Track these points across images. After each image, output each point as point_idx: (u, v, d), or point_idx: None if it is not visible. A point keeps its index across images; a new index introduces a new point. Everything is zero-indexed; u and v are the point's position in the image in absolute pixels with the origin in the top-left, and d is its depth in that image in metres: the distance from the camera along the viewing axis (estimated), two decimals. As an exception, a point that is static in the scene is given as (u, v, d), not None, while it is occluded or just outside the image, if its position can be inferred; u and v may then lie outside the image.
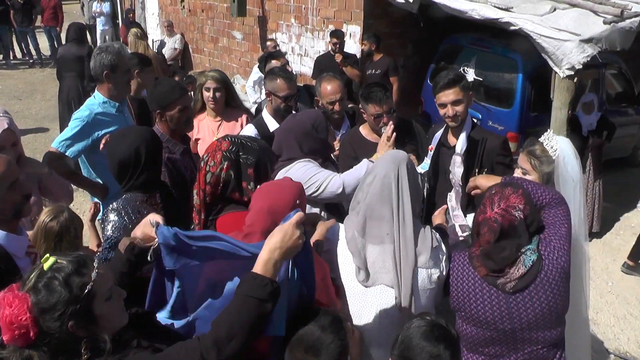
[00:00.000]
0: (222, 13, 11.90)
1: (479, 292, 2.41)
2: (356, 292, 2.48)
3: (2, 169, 2.32)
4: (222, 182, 2.56)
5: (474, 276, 2.42)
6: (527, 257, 2.37)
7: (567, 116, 6.17)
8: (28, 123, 10.12)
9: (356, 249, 2.47)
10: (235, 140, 2.62)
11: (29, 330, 1.68)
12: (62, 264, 1.76)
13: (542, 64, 6.31)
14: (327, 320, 1.93)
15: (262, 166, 2.59)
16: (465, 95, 3.59)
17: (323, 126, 3.40)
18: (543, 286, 2.38)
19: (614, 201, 7.61)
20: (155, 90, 3.65)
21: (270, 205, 2.26)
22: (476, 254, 2.43)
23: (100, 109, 4.02)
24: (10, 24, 14.90)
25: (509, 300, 2.38)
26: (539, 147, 2.92)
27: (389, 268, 2.42)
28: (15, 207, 2.40)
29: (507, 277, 2.36)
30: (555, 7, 6.57)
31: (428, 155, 3.79)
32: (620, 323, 5.42)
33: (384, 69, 8.08)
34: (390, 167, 2.50)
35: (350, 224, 2.55)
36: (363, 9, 8.64)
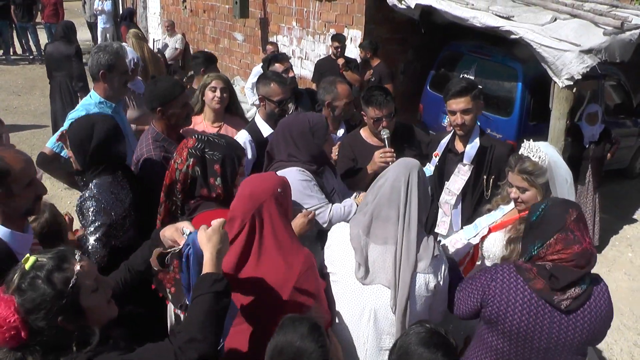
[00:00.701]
0: (223, 14, 11.91)
1: (526, 305, 2.37)
2: (353, 289, 2.49)
3: (21, 165, 2.35)
4: (189, 179, 2.65)
5: (523, 289, 2.38)
6: (583, 281, 2.37)
7: (565, 126, 6.18)
8: (27, 119, 10.11)
9: (359, 245, 2.50)
10: (201, 137, 2.72)
11: (20, 332, 1.69)
12: (43, 261, 1.77)
13: (541, 73, 6.32)
14: (305, 328, 1.92)
15: (229, 162, 2.67)
16: (475, 105, 3.60)
17: (322, 132, 3.37)
18: (590, 311, 2.37)
19: (610, 212, 7.63)
20: (156, 88, 3.65)
21: (251, 191, 2.41)
22: (529, 268, 2.40)
23: (96, 109, 3.97)
24: (11, 20, 14.89)
25: (555, 318, 2.36)
26: (529, 163, 2.92)
27: (388, 269, 2.44)
28: (27, 206, 2.42)
29: (567, 294, 2.34)
30: (556, 17, 6.59)
31: (432, 162, 3.79)
32: (614, 334, 5.42)
33: (377, 76, 8.09)
34: (402, 171, 2.54)
35: (356, 223, 2.58)
36: (365, 13, 8.66)
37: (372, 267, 2.47)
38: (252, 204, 2.37)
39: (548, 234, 2.38)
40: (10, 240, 2.36)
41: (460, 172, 3.67)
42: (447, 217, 3.74)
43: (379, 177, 2.63)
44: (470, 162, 3.64)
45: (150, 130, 3.64)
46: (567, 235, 2.35)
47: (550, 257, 2.37)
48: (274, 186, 2.45)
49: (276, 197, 2.43)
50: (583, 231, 2.37)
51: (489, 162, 3.62)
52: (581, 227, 2.38)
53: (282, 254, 2.36)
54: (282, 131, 3.41)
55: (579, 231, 2.36)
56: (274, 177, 2.57)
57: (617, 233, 7.47)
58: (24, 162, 2.38)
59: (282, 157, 3.37)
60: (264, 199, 2.39)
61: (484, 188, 3.64)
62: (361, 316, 2.48)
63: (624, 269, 6.63)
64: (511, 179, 3.02)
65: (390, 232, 2.48)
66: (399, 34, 8.98)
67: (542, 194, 2.91)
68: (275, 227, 2.39)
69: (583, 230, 2.38)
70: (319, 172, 3.41)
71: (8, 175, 2.29)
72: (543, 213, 2.45)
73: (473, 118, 3.61)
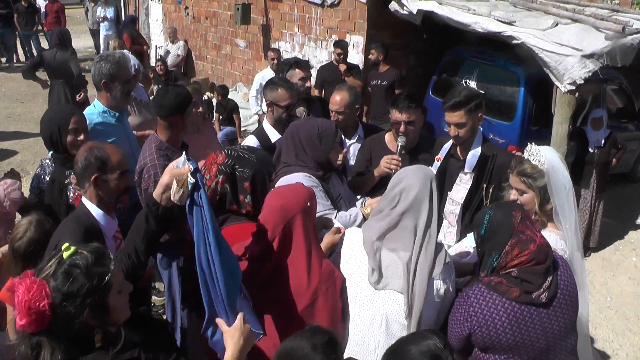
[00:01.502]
0: (225, 21, 11.95)
1: (512, 317, 2.36)
2: (365, 294, 2.49)
3: (119, 157, 2.74)
4: (218, 195, 2.59)
5: (502, 303, 2.36)
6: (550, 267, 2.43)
7: (568, 131, 6.18)
8: (30, 126, 10.12)
9: (372, 250, 2.49)
10: (231, 154, 2.64)
11: (45, 317, 1.73)
12: (83, 253, 1.83)
13: (543, 78, 6.33)
14: (322, 339, 1.89)
15: (260, 179, 2.62)
16: (471, 118, 3.55)
17: (330, 139, 3.36)
18: (565, 285, 2.44)
19: (614, 217, 7.62)
20: (166, 97, 3.63)
21: (282, 204, 2.39)
22: (498, 281, 2.39)
23: (100, 118, 3.99)
24: (15, 28, 14.96)
25: (541, 314, 2.37)
26: (528, 165, 2.93)
27: (402, 275, 2.44)
28: (119, 194, 2.76)
29: (542, 289, 2.37)
30: (558, 22, 6.60)
31: (434, 166, 3.78)
32: (619, 339, 5.41)
33: (391, 81, 8.03)
34: (425, 183, 2.54)
35: (370, 228, 2.58)
36: (367, 19, 8.69)
37: (385, 272, 2.47)
38: (283, 217, 2.37)
39: (502, 243, 2.40)
40: (103, 222, 2.70)
41: (462, 181, 3.67)
42: (453, 228, 3.73)
43: (393, 185, 2.59)
44: (472, 170, 3.63)
45: (154, 139, 3.62)
46: (520, 238, 2.38)
47: (511, 264, 2.39)
48: (304, 199, 2.45)
49: (306, 210, 2.43)
50: (532, 228, 2.43)
51: (489, 171, 3.60)
52: (529, 225, 2.43)
53: (308, 268, 2.36)
54: (291, 134, 3.42)
55: (528, 229, 2.41)
56: (303, 189, 2.55)
57: (621, 237, 7.46)
58: (120, 155, 2.77)
59: (290, 160, 3.38)
60: (295, 213, 2.38)
61: (484, 197, 3.63)
62: (373, 321, 2.48)
63: (629, 273, 6.62)
64: (511, 181, 3.04)
65: (407, 239, 2.48)
66: (401, 40, 8.99)
67: (540, 197, 2.90)
68: (305, 242, 2.39)
69: (531, 227, 2.43)
70: (326, 177, 3.42)
71: (106, 163, 2.68)
72: (489, 224, 2.46)
73: (468, 130, 3.59)
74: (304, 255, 2.38)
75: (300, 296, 2.34)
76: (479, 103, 3.60)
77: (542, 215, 2.93)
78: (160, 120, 3.63)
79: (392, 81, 8.04)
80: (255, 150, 2.82)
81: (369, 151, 4.02)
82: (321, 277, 2.39)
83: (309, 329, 1.98)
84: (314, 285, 2.35)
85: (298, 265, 2.37)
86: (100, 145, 2.79)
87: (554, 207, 2.88)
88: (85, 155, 2.69)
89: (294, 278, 2.36)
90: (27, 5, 14.75)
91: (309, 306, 2.34)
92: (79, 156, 2.72)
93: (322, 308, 2.37)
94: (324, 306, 2.38)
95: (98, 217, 2.70)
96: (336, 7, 9.16)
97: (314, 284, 2.36)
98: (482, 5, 7.46)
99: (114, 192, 2.74)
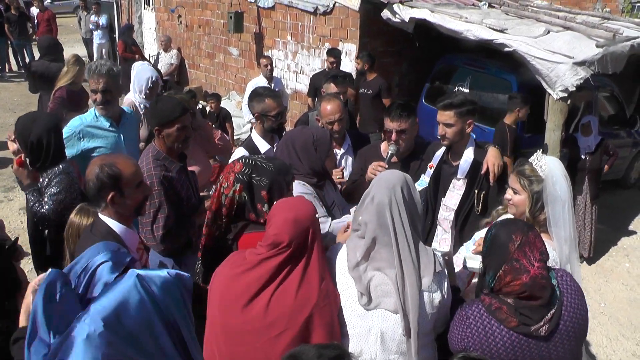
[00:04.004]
0: (218, 29, 11.96)
1: (510, 346, 2.29)
2: (357, 313, 2.44)
3: (131, 170, 2.66)
4: (235, 204, 2.62)
5: (500, 330, 2.30)
6: (553, 297, 2.33)
7: (560, 137, 6.21)
8: (22, 135, 10.08)
9: (358, 274, 2.43)
10: (249, 162, 2.66)
11: None
12: None
13: (536, 85, 6.36)
14: (331, 353, 1.86)
15: (277, 188, 2.63)
16: (460, 121, 3.59)
17: (324, 148, 3.38)
18: (570, 316, 2.34)
19: (606, 223, 7.65)
20: (157, 108, 3.64)
21: (295, 216, 2.35)
22: (498, 306, 2.33)
23: (92, 121, 4.13)
24: (6, 37, 14.92)
25: (540, 345, 2.30)
26: (528, 167, 2.93)
27: (392, 293, 2.38)
28: (138, 205, 2.72)
29: (542, 321, 2.29)
30: (549, 30, 6.65)
31: (427, 173, 3.79)
32: (613, 344, 5.42)
33: (376, 90, 8.03)
34: (384, 192, 2.43)
35: (353, 247, 2.50)
36: (359, 27, 8.71)
37: (375, 292, 2.40)
38: (298, 229, 2.33)
39: (497, 266, 2.31)
40: (125, 236, 2.64)
41: (455, 187, 3.69)
42: (447, 234, 3.74)
43: (364, 196, 2.54)
44: (464, 176, 3.65)
45: (152, 149, 3.61)
46: (513, 266, 2.27)
47: (505, 290, 2.30)
48: (314, 212, 2.42)
49: (317, 221, 2.42)
50: (530, 256, 2.28)
51: (481, 177, 3.62)
52: (527, 253, 2.29)
53: (320, 280, 2.36)
54: (286, 142, 3.43)
55: (524, 258, 2.28)
56: (308, 201, 2.54)
57: (614, 244, 7.48)
58: (133, 166, 2.70)
59: None
60: (309, 224, 2.36)
61: (475, 203, 3.64)
62: (368, 337, 2.43)
63: (622, 279, 6.64)
64: (510, 180, 3.05)
65: (389, 256, 2.40)
66: (394, 47, 9.03)
67: (532, 202, 2.88)
68: (319, 251, 2.38)
69: (530, 255, 2.29)
70: (320, 185, 3.42)
71: (120, 180, 2.59)
72: (490, 243, 2.40)
73: (455, 133, 3.61)
74: (318, 266, 2.36)
75: (305, 307, 2.31)
76: (471, 109, 3.63)
77: (532, 222, 2.88)
78: (155, 131, 3.63)
79: (377, 90, 8.03)
80: (273, 160, 2.81)
81: (364, 161, 4.01)
82: (327, 290, 2.37)
83: (325, 343, 1.97)
84: (312, 302, 2.32)
85: (314, 278, 2.35)
86: (110, 160, 2.66)
87: (547, 216, 2.85)
88: (97, 175, 2.57)
89: (305, 289, 2.33)
90: (19, 14, 14.72)
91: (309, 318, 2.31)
92: (90, 175, 2.60)
93: (319, 324, 2.34)
94: (320, 322, 2.34)
95: (120, 232, 2.62)
96: (329, 15, 9.19)
97: (320, 296, 2.33)
98: (475, 13, 7.51)
99: (132, 206, 2.69)
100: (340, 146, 4.37)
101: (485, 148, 3.69)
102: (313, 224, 2.38)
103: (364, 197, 2.54)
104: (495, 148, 3.66)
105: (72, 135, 4.06)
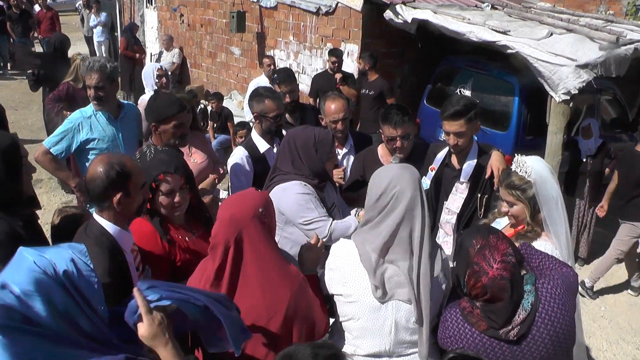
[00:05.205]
0: (221, 28, 11.96)
1: (481, 348, 2.33)
2: (372, 306, 2.46)
3: (137, 170, 2.58)
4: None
5: (472, 333, 2.35)
6: (525, 301, 2.33)
7: (562, 140, 6.20)
8: (24, 133, 10.08)
9: (371, 267, 2.43)
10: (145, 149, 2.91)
11: None
12: None
13: (538, 87, 6.34)
14: (326, 353, 1.86)
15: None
16: (470, 127, 3.56)
17: (326, 149, 3.36)
18: (544, 323, 2.32)
19: (606, 226, 7.61)
20: (154, 104, 3.66)
21: (231, 215, 2.31)
22: (470, 310, 2.37)
23: (92, 114, 4.24)
24: (8, 35, 14.91)
25: (513, 349, 2.31)
26: (515, 177, 2.91)
27: (405, 284, 2.42)
28: (139, 207, 2.63)
29: (511, 324, 2.30)
30: (552, 32, 6.63)
31: (428, 175, 3.77)
32: (613, 348, 5.40)
33: (378, 90, 8.03)
34: (415, 186, 2.46)
35: (364, 242, 2.49)
36: (361, 28, 8.71)
37: (388, 284, 2.43)
38: (234, 227, 2.28)
39: (463, 271, 2.36)
40: (119, 238, 2.53)
41: (458, 191, 3.67)
42: (449, 237, 3.72)
43: (381, 190, 2.47)
44: (467, 180, 3.63)
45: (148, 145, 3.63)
46: (474, 269, 2.30)
47: (472, 293, 2.34)
48: (255, 207, 2.34)
49: (259, 217, 2.33)
50: (489, 259, 2.29)
51: (484, 181, 3.60)
52: (486, 255, 2.30)
53: (267, 281, 2.30)
54: (288, 141, 3.42)
55: (484, 261, 2.29)
56: (254, 195, 2.45)
57: (614, 247, 7.44)
58: (139, 167, 2.63)
59: (286, 167, 3.38)
60: (246, 222, 2.29)
61: (477, 207, 3.63)
62: (382, 329, 2.47)
63: (622, 282, 6.61)
64: (501, 194, 3.03)
65: (404, 249, 2.43)
66: (396, 48, 9.02)
67: (530, 208, 2.88)
68: (260, 252, 2.31)
69: (489, 257, 2.30)
70: (321, 186, 3.41)
71: (130, 180, 2.48)
72: (457, 249, 2.46)
73: (467, 140, 3.59)
74: (262, 268, 2.30)
75: (269, 317, 2.29)
76: (477, 112, 3.61)
77: (534, 225, 2.91)
78: (151, 127, 3.64)
79: (379, 91, 8.03)
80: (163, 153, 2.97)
81: (363, 166, 3.99)
82: (290, 289, 2.32)
83: (320, 342, 1.97)
84: (285, 300, 2.30)
85: (255, 282, 2.29)
86: (117, 158, 2.53)
87: (543, 216, 2.86)
88: (107, 173, 2.42)
89: (248, 297, 2.28)
90: (19, 12, 14.71)
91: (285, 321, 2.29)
92: (96, 173, 2.44)
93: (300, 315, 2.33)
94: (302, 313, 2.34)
95: (114, 233, 2.51)
96: (331, 15, 9.18)
97: (285, 298, 2.30)
98: (477, 14, 7.50)
99: (134, 209, 2.59)
100: (343, 146, 4.37)
101: (488, 152, 3.67)
102: (255, 217, 2.30)
103: (381, 192, 2.48)
104: (498, 152, 3.64)
105: (72, 128, 4.16)
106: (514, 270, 2.30)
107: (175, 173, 2.80)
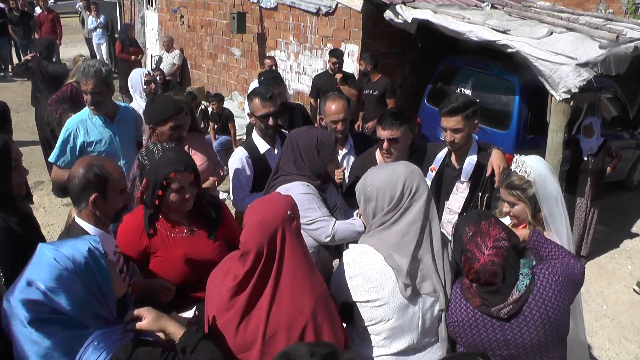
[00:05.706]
0: (221, 30, 11.97)
1: (474, 322, 2.45)
2: (401, 305, 2.49)
3: (118, 175, 2.62)
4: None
5: (466, 308, 2.47)
6: (520, 282, 2.41)
7: (563, 139, 6.19)
8: (25, 135, 10.10)
9: (399, 268, 2.46)
10: (150, 146, 3.04)
11: None
12: None
13: (538, 86, 6.34)
14: (323, 351, 1.87)
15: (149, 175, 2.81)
16: (467, 124, 3.55)
17: (328, 150, 3.36)
18: (537, 305, 2.39)
19: (609, 225, 7.63)
20: (151, 106, 3.68)
21: (261, 219, 2.27)
22: (468, 286, 2.49)
23: (87, 118, 4.23)
24: (10, 37, 14.94)
25: (504, 327, 2.41)
26: (515, 177, 2.93)
27: (429, 277, 2.50)
28: (117, 212, 2.66)
29: (504, 303, 2.39)
30: (552, 31, 6.63)
31: (428, 176, 3.76)
32: (615, 347, 5.40)
33: (382, 90, 8.03)
34: (424, 180, 2.59)
35: (380, 243, 2.51)
36: (362, 28, 8.71)
37: (416, 280, 2.49)
38: (265, 233, 2.23)
39: (459, 258, 2.49)
40: (101, 240, 2.49)
41: (459, 190, 3.66)
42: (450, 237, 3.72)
43: (399, 196, 2.49)
44: (468, 179, 3.63)
45: None
46: (467, 256, 2.41)
47: (469, 278, 2.46)
48: (284, 210, 2.30)
49: (288, 219, 2.29)
50: (481, 245, 2.39)
51: (485, 180, 3.59)
52: (478, 242, 2.39)
53: (296, 287, 2.26)
54: (290, 142, 3.43)
55: (475, 247, 2.39)
56: (281, 199, 2.41)
57: (616, 246, 7.46)
58: (120, 172, 2.66)
59: (289, 168, 3.38)
60: (277, 226, 2.25)
61: (478, 205, 3.62)
62: (411, 325, 2.52)
63: (624, 281, 6.61)
64: (501, 194, 3.05)
65: (425, 244, 2.50)
66: (396, 48, 9.02)
67: (532, 207, 2.90)
68: (293, 254, 2.27)
69: (481, 244, 2.39)
70: (323, 187, 3.42)
71: (107, 182, 2.54)
72: (452, 238, 2.56)
73: (464, 136, 3.58)
74: (295, 272, 2.27)
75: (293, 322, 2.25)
76: (475, 110, 3.60)
77: (536, 224, 2.93)
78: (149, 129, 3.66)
79: (383, 90, 8.03)
80: (170, 150, 3.02)
81: (362, 170, 3.98)
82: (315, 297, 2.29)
83: (316, 341, 1.97)
84: (309, 307, 2.26)
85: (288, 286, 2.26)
86: (99, 160, 2.62)
87: (543, 215, 2.89)
88: (84, 173, 2.52)
89: (289, 303, 2.25)
90: (20, 14, 14.73)
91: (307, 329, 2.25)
92: (75, 172, 2.54)
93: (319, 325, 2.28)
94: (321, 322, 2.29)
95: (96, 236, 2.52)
96: (331, 15, 9.18)
97: (309, 305, 2.27)
98: (477, 14, 7.50)
99: (112, 212, 2.63)
100: (343, 146, 4.37)
101: (488, 150, 3.66)
102: (285, 221, 2.27)
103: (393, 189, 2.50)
104: (498, 150, 3.64)
105: (70, 134, 4.16)
106: (507, 255, 2.39)
107: (185, 171, 2.85)
